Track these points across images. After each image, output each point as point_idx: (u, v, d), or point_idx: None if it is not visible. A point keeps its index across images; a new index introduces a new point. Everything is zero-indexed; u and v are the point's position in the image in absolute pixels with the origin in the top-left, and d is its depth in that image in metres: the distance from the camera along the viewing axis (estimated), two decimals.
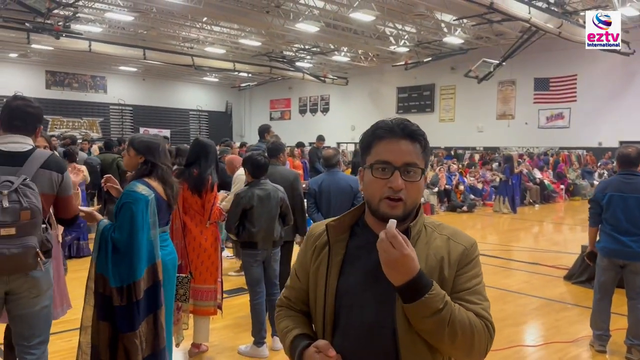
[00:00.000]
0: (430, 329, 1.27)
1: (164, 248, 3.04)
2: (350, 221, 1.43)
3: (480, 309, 1.33)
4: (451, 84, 23.76)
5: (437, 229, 1.42)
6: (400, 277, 1.24)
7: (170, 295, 3.11)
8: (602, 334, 4.34)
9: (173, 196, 3.06)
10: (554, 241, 9.89)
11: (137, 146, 3.02)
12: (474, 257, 1.40)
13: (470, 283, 1.36)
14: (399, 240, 1.23)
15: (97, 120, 27.51)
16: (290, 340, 1.44)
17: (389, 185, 1.32)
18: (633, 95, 18.06)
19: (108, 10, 16.71)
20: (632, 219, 4.09)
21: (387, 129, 1.37)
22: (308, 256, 1.49)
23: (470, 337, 1.28)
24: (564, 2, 15.07)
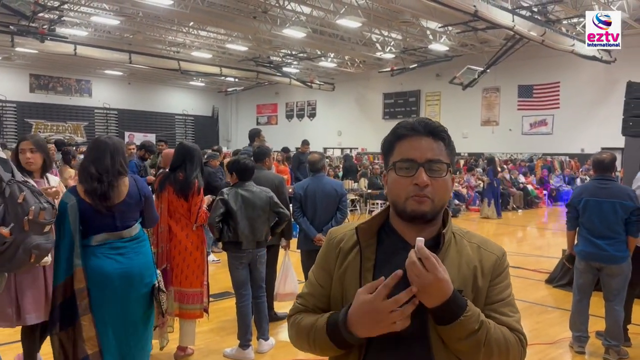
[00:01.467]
0: (465, 350, 1.23)
1: (110, 257, 2.88)
2: (379, 224, 1.38)
3: (514, 322, 1.30)
4: (436, 91, 24.00)
5: (466, 236, 1.38)
6: (434, 301, 1.18)
7: (110, 307, 2.88)
8: (580, 336, 4.43)
9: (98, 201, 2.84)
10: (536, 246, 10.03)
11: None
12: (506, 267, 1.37)
13: (504, 294, 1.33)
14: (432, 262, 1.16)
15: (81, 124, 27.28)
16: (324, 320, 1.31)
17: (414, 182, 1.27)
18: (615, 103, 18.34)
19: (94, 14, 16.63)
20: (607, 223, 4.19)
21: (408, 128, 1.33)
22: (331, 261, 1.40)
23: (506, 353, 1.25)
24: (547, 10, 15.35)
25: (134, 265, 2.94)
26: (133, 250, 2.97)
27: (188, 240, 3.98)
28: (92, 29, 19.24)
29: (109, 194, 2.88)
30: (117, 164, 2.96)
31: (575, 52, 16.65)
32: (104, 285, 2.85)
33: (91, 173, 2.89)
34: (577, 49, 16.50)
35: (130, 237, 2.97)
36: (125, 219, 2.97)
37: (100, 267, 2.85)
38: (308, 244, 4.84)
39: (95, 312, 2.83)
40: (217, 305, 5.41)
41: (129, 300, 2.93)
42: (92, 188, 2.85)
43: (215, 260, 7.56)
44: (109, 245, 2.90)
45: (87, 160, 2.97)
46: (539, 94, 21.07)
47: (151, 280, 3.06)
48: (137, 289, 2.96)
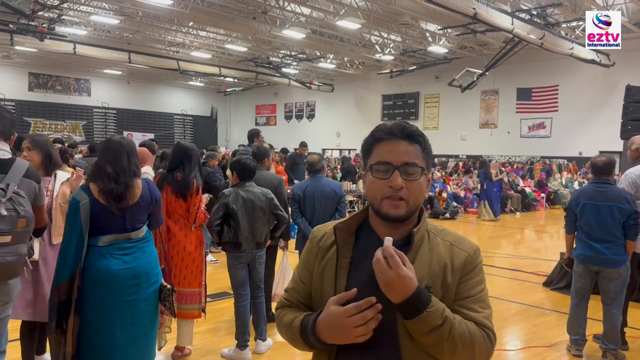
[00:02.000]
0: (430, 343, 1.29)
1: (117, 257, 2.86)
2: (357, 224, 1.44)
3: (482, 318, 1.34)
4: (435, 93, 24.03)
5: (440, 234, 1.42)
6: (398, 296, 1.25)
7: (116, 308, 2.87)
8: (578, 339, 4.44)
9: (113, 202, 2.84)
10: (534, 248, 10.04)
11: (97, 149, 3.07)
12: (477, 264, 1.40)
13: (474, 290, 1.36)
14: (395, 260, 1.23)
15: (80, 123, 27.25)
16: (299, 321, 1.40)
17: (389, 184, 1.33)
18: (613, 106, 18.39)
19: (93, 13, 16.62)
20: (604, 226, 4.19)
21: (385, 131, 1.39)
22: (312, 258, 1.48)
23: (471, 348, 1.30)
24: (546, 14, 15.37)
25: (141, 265, 2.93)
26: (140, 250, 2.96)
27: (187, 240, 3.97)
28: (91, 28, 19.22)
29: (124, 195, 2.87)
30: (132, 165, 2.96)
31: (574, 55, 16.69)
32: (111, 286, 2.83)
33: (108, 173, 2.86)
34: (575, 52, 16.54)
35: (137, 239, 2.97)
36: (135, 221, 2.95)
37: (107, 267, 2.83)
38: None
39: (104, 314, 2.83)
40: (214, 305, 5.41)
41: (138, 301, 2.91)
42: (109, 189, 2.84)
43: (213, 260, 7.55)
44: (116, 245, 2.88)
45: (104, 160, 2.93)
46: (537, 97, 21.11)
47: (157, 280, 3.04)
48: (145, 289, 2.95)
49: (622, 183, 4.49)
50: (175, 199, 3.93)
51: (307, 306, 1.48)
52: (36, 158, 3.47)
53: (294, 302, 1.50)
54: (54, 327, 2.77)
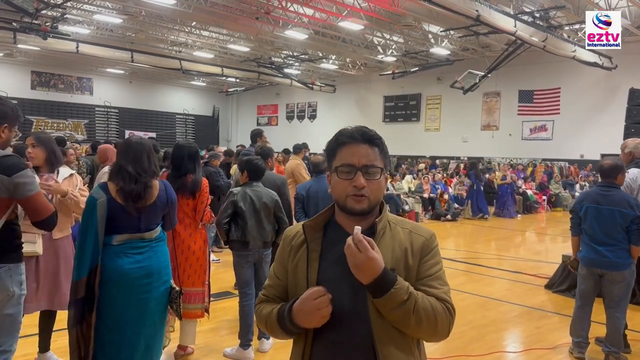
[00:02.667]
0: (398, 319, 1.44)
1: (130, 256, 2.89)
2: (324, 221, 1.59)
3: (442, 293, 1.50)
4: (437, 94, 24.02)
5: (400, 223, 1.59)
6: (367, 277, 1.40)
7: (128, 306, 2.89)
8: (581, 342, 4.44)
9: (131, 202, 2.86)
10: (535, 251, 10.04)
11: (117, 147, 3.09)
12: (434, 247, 1.56)
13: (432, 270, 1.52)
14: (364, 244, 1.39)
15: (82, 122, 27.27)
16: (276, 311, 1.57)
17: (353, 184, 1.49)
18: (615, 109, 18.41)
19: (97, 12, 16.64)
20: (606, 230, 4.19)
21: (348, 136, 1.54)
22: (285, 255, 1.63)
23: (434, 321, 1.45)
24: (548, 16, 15.37)
25: (153, 264, 2.96)
26: (152, 249, 2.98)
27: (191, 239, 3.99)
28: (94, 27, 19.24)
29: (143, 195, 2.91)
30: (152, 165, 3.01)
31: (576, 58, 16.68)
32: (124, 285, 2.86)
33: (130, 173, 2.90)
34: (578, 54, 16.54)
35: (151, 239, 2.99)
36: (149, 221, 2.98)
37: (120, 266, 2.85)
38: None
39: (116, 312, 2.85)
40: (217, 304, 5.42)
41: (150, 300, 2.94)
42: (130, 189, 2.87)
43: (215, 260, 7.56)
44: (130, 245, 2.91)
45: (125, 160, 2.95)
46: (539, 100, 21.10)
47: (168, 279, 3.07)
48: (156, 288, 2.97)
49: None
50: (180, 197, 3.94)
51: (283, 300, 1.62)
52: (41, 155, 3.51)
53: (271, 297, 1.66)
54: (74, 323, 2.80)
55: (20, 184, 2.53)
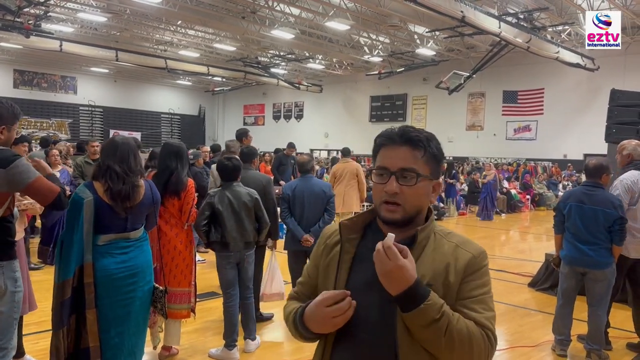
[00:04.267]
0: (427, 338, 1.29)
1: (115, 256, 2.87)
2: (364, 222, 1.48)
3: (483, 318, 1.33)
4: (423, 95, 24.17)
5: (447, 236, 1.44)
6: (396, 287, 1.27)
7: (114, 306, 2.87)
8: (563, 339, 4.50)
9: (120, 202, 2.85)
10: (519, 249, 10.15)
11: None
12: (482, 266, 1.40)
13: (476, 292, 1.36)
14: (393, 251, 1.25)
15: (66, 121, 27.00)
16: (293, 313, 1.47)
17: (385, 189, 1.37)
18: (597, 110, 18.65)
19: (80, 10, 16.49)
20: (590, 228, 4.24)
21: (386, 137, 1.43)
22: (319, 253, 1.53)
23: (469, 347, 1.29)
24: (532, 17, 15.55)
25: (138, 264, 2.95)
26: (137, 249, 2.98)
27: (177, 239, 3.97)
28: (78, 26, 19.05)
29: (132, 195, 2.89)
30: (138, 165, 3.00)
31: (559, 59, 16.90)
32: (109, 285, 2.84)
33: (117, 173, 2.87)
34: (561, 56, 16.75)
35: (135, 238, 2.98)
36: (135, 221, 2.97)
37: (105, 266, 2.84)
38: (295, 244, 4.85)
39: (101, 312, 2.83)
40: (202, 305, 5.39)
41: (134, 299, 2.93)
42: (119, 189, 2.85)
43: (200, 260, 7.52)
44: (115, 245, 2.89)
45: (112, 160, 2.92)
46: (523, 100, 21.34)
47: (151, 279, 3.07)
48: (141, 287, 2.97)
49: (617, 189, 4.42)
50: (166, 197, 3.92)
51: (312, 299, 1.48)
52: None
53: (300, 295, 1.56)
54: (58, 325, 2.76)
55: (17, 174, 2.57)
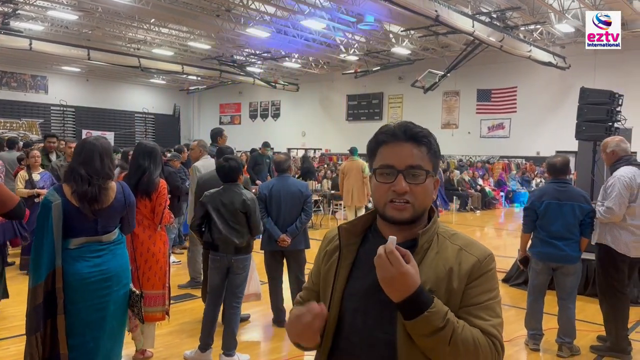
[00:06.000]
0: (430, 347, 1.24)
1: (88, 260, 2.83)
2: (364, 226, 1.42)
3: (489, 326, 1.27)
4: (399, 93, 24.33)
5: (451, 238, 1.37)
6: (398, 294, 1.21)
7: (88, 310, 2.83)
8: (535, 334, 4.58)
9: (86, 204, 2.81)
10: (493, 245, 10.28)
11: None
12: (488, 270, 1.33)
13: (481, 297, 1.29)
14: (395, 256, 1.19)
15: (37, 121, 26.38)
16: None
17: (393, 189, 1.30)
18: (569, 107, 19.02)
19: (50, 8, 16.13)
20: (566, 224, 4.33)
21: (389, 133, 1.36)
22: (320, 258, 1.50)
23: (475, 355, 1.23)
24: (505, 17, 15.78)
25: (112, 268, 2.89)
26: (111, 252, 2.92)
27: (150, 241, 3.91)
28: (48, 24, 18.63)
29: (99, 198, 2.84)
30: (106, 167, 2.92)
31: (531, 57, 17.19)
32: (82, 289, 2.79)
33: (81, 175, 2.83)
34: (533, 54, 17.04)
35: (108, 241, 2.92)
36: (107, 224, 2.91)
37: (78, 270, 2.79)
38: (271, 244, 4.83)
39: (75, 316, 2.79)
40: (177, 307, 5.34)
41: (109, 303, 2.87)
42: (83, 191, 2.80)
43: (176, 261, 7.45)
44: (87, 248, 2.85)
45: (76, 162, 2.89)
46: (496, 99, 21.65)
47: (128, 283, 3.00)
48: (115, 292, 2.91)
49: (615, 187, 4.30)
50: (139, 199, 3.85)
51: None
52: None
53: (305, 300, 1.51)
54: (32, 330, 2.72)
55: None
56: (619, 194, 4.24)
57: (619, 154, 4.48)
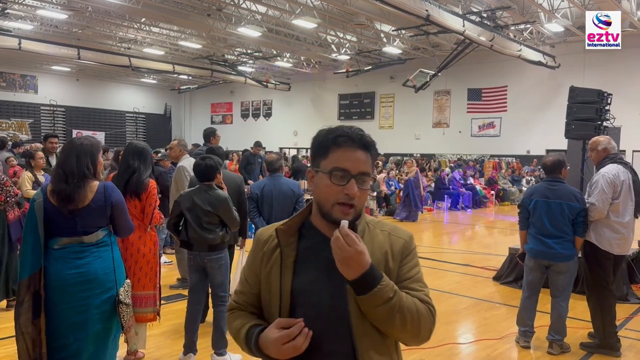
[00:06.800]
0: (383, 317, 1.37)
1: (69, 261, 2.79)
2: (298, 224, 1.50)
3: (423, 295, 1.45)
4: (390, 93, 24.39)
5: (378, 225, 1.52)
6: (354, 272, 1.32)
7: (69, 312, 2.79)
8: (527, 331, 4.61)
9: (62, 202, 2.79)
10: (484, 244, 10.34)
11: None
12: (413, 249, 1.52)
13: (412, 272, 1.48)
14: (352, 238, 1.31)
15: (26, 121, 26.19)
16: (245, 331, 1.48)
17: (346, 192, 1.38)
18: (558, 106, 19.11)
19: (40, 7, 16.00)
20: (555, 222, 4.37)
21: (347, 138, 1.42)
22: (257, 261, 1.53)
23: (418, 321, 1.40)
24: (495, 16, 15.86)
25: (92, 270, 2.84)
26: (92, 254, 2.87)
27: (140, 242, 3.89)
28: (38, 23, 18.50)
29: (73, 197, 2.81)
30: (82, 166, 2.89)
31: (522, 57, 17.28)
32: (62, 290, 2.77)
33: (58, 173, 2.86)
34: (523, 54, 17.14)
35: (90, 243, 2.88)
36: (87, 224, 2.87)
37: (59, 271, 2.78)
38: None
39: (58, 318, 2.77)
40: (168, 307, 5.32)
41: (90, 306, 2.82)
42: (59, 189, 2.81)
43: (167, 262, 7.43)
44: (70, 249, 2.83)
45: (58, 161, 2.96)
46: (487, 98, 21.76)
47: (112, 287, 2.92)
48: (97, 295, 2.85)
49: (598, 183, 4.38)
50: (128, 199, 3.83)
51: (256, 308, 1.54)
52: None
53: (242, 305, 1.56)
54: (16, 328, 2.74)
55: None
56: (602, 190, 4.33)
57: (610, 151, 4.58)
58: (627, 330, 5.11)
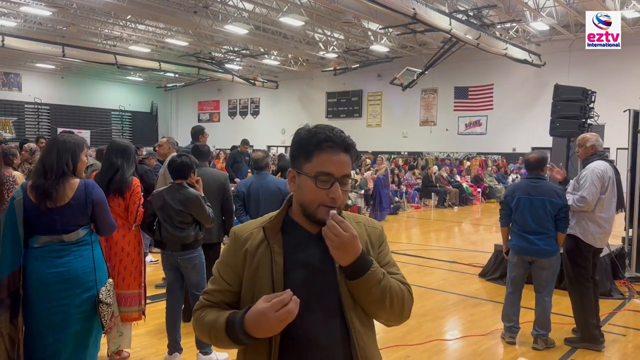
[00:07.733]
0: (376, 299, 1.44)
1: (48, 260, 2.76)
2: (280, 221, 1.52)
3: (401, 277, 1.56)
4: (378, 91, 24.44)
5: (353, 218, 1.59)
6: (350, 256, 1.39)
7: (48, 312, 2.76)
8: (512, 326, 4.65)
9: (39, 198, 2.76)
10: (470, 241, 10.41)
11: None
12: (385, 236, 1.64)
13: (387, 257, 1.59)
14: (346, 224, 1.38)
15: (10, 119, 25.86)
16: (224, 318, 1.43)
17: (331, 195, 1.43)
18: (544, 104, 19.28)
19: (23, 4, 15.79)
20: (537, 219, 4.42)
21: (330, 141, 1.44)
22: (239, 260, 1.50)
23: (402, 300, 1.50)
24: (482, 15, 15.95)
25: (72, 269, 2.81)
26: (72, 253, 2.84)
27: (124, 240, 3.86)
28: (21, 20, 18.26)
29: (51, 193, 2.78)
30: (62, 163, 2.86)
31: (508, 55, 17.41)
32: (41, 289, 2.73)
33: (38, 168, 2.85)
34: (509, 52, 17.26)
35: (71, 242, 2.85)
36: (66, 223, 2.83)
37: (37, 269, 2.74)
38: None
39: (36, 317, 2.73)
40: (154, 307, 5.29)
41: (69, 306, 2.78)
42: (37, 184, 2.79)
43: (153, 261, 7.38)
44: (49, 248, 2.80)
45: (41, 155, 2.94)
46: (473, 96, 21.90)
47: (92, 287, 2.88)
48: (77, 295, 2.81)
49: (588, 177, 4.47)
50: (112, 198, 3.79)
51: (232, 307, 1.50)
52: None
53: (217, 303, 1.52)
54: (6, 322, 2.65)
55: None
56: (592, 184, 4.45)
57: (598, 148, 4.69)
58: (611, 325, 5.17)
